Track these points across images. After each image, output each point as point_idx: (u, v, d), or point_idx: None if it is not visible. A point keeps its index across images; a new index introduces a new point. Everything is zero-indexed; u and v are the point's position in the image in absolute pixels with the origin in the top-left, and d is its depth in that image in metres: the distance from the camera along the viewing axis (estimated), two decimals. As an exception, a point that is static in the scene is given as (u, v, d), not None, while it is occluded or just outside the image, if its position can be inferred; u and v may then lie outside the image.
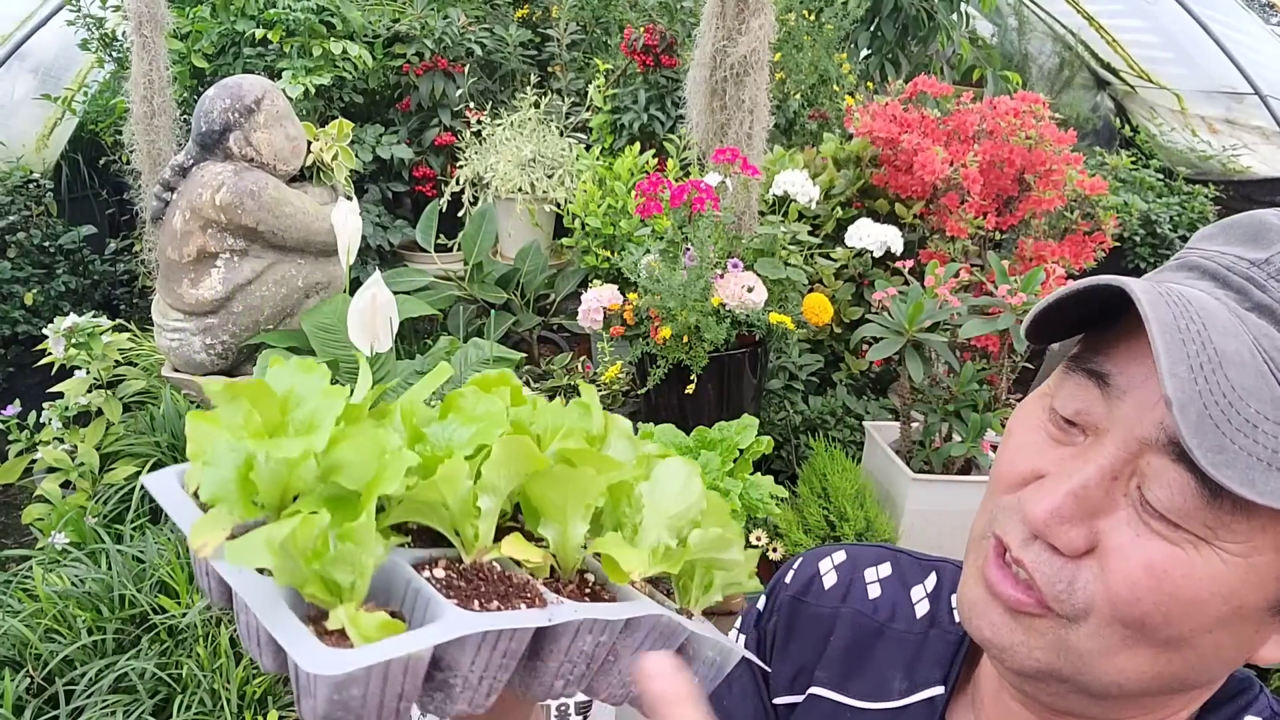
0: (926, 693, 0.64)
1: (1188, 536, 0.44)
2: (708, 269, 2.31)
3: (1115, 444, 0.46)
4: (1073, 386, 0.50)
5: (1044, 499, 0.47)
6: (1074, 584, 0.46)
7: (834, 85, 3.65)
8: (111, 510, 2.61)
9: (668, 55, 3.53)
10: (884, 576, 0.72)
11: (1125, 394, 0.46)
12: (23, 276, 3.75)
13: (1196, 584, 0.44)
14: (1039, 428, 0.51)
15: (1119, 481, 0.46)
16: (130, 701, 1.90)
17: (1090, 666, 0.47)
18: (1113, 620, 0.45)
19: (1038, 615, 0.48)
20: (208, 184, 2.24)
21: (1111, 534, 0.45)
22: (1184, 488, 0.43)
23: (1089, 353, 0.50)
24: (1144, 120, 4.99)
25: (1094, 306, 0.48)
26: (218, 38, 3.43)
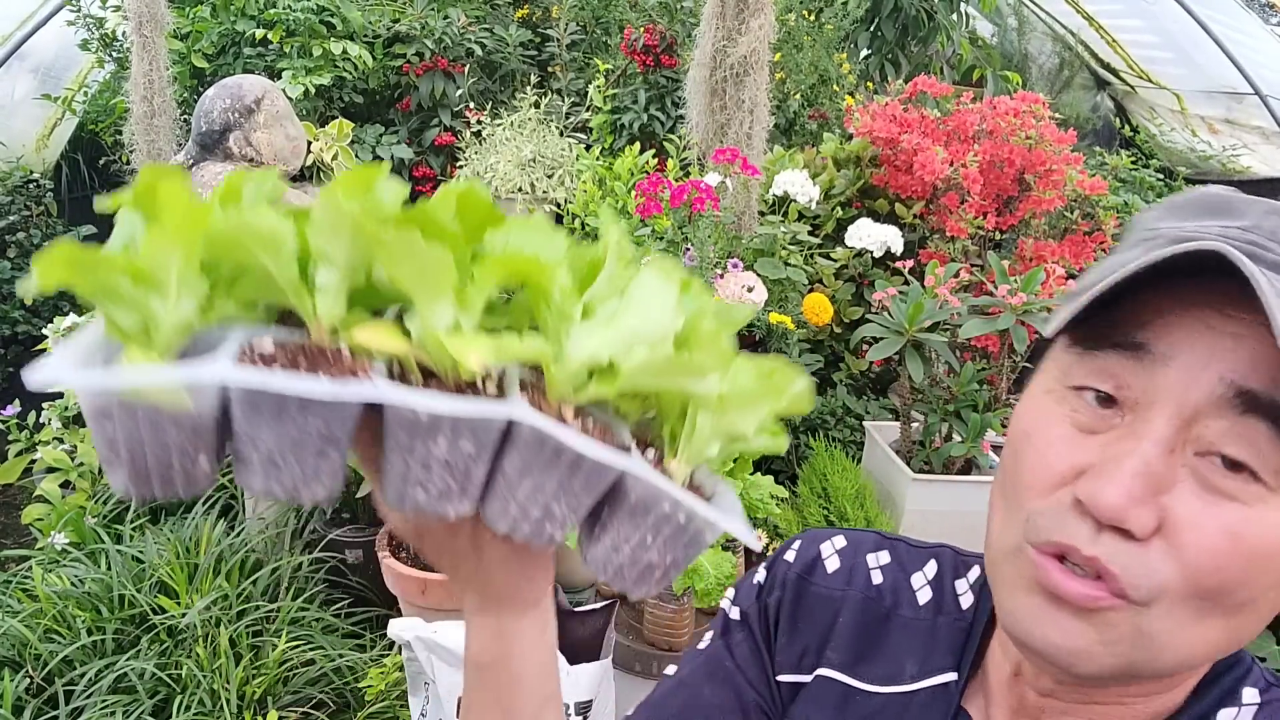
0: (940, 678, 0.63)
1: (1261, 490, 0.44)
2: (708, 269, 2.31)
3: (1167, 414, 0.45)
4: (1099, 363, 0.48)
5: (1111, 486, 0.45)
6: (1149, 565, 0.45)
7: (834, 85, 3.65)
8: (111, 510, 2.61)
9: (668, 55, 3.53)
10: (884, 563, 0.72)
11: (1170, 360, 0.46)
12: (23, 276, 3.75)
13: (1270, 540, 0.44)
14: (1062, 421, 0.50)
15: (1175, 454, 0.45)
16: (130, 702, 1.90)
17: (1164, 648, 0.47)
18: (1188, 595, 0.45)
19: (1110, 608, 0.46)
20: (208, 184, 2.23)
21: (1178, 507, 0.45)
22: (1261, 435, 0.43)
23: (1110, 329, 0.48)
24: (1144, 120, 4.99)
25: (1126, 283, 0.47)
26: (218, 38, 3.43)
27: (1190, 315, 0.46)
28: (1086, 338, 0.50)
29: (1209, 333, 0.45)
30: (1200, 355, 0.45)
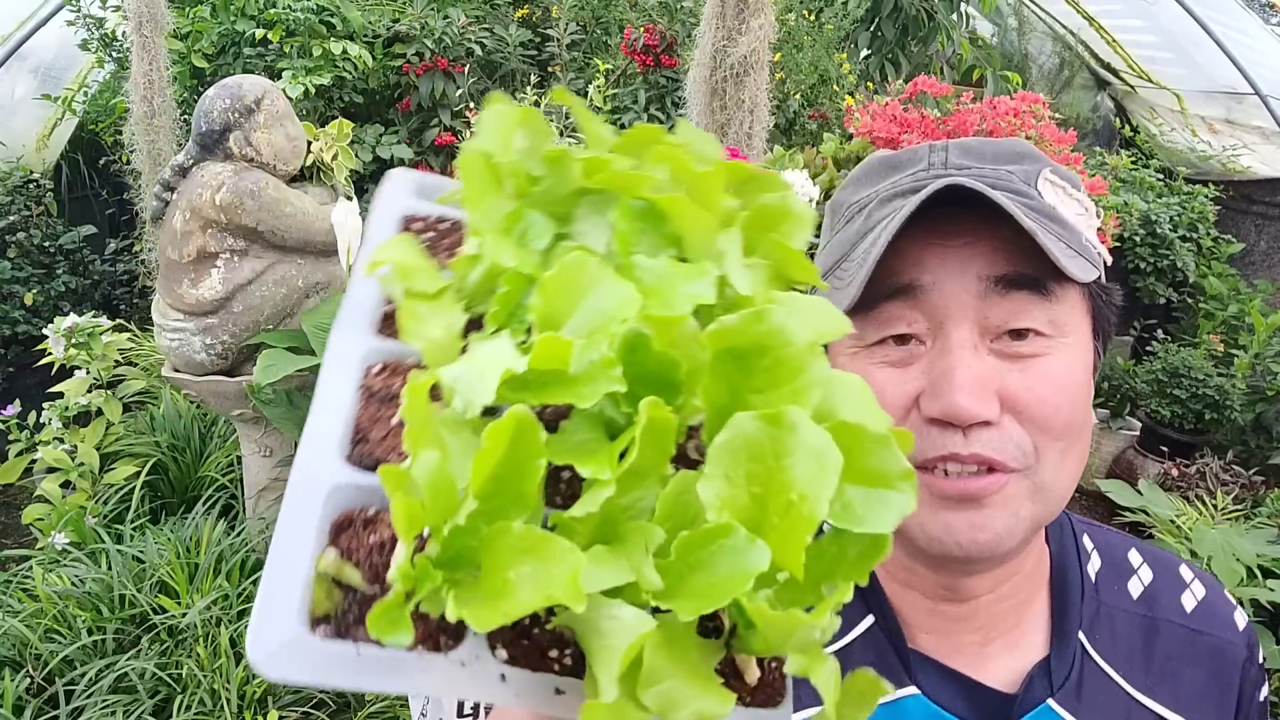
0: (860, 626, 0.66)
1: (1047, 342, 0.55)
2: (708, 269, 2.31)
3: (957, 322, 0.54)
4: (886, 316, 0.57)
5: (957, 396, 0.53)
6: (1013, 438, 0.54)
7: (834, 85, 3.66)
8: (111, 510, 2.61)
9: (668, 55, 3.53)
10: None
11: (935, 285, 0.55)
12: (23, 276, 3.75)
13: (1073, 371, 0.55)
14: (879, 367, 0.57)
15: (980, 350, 0.54)
16: (130, 701, 1.90)
17: (1053, 489, 0.56)
18: (1050, 440, 0.55)
19: (1005, 485, 0.54)
20: (208, 184, 2.24)
21: (1007, 383, 0.54)
22: (1028, 302, 0.54)
23: (878, 287, 0.56)
24: (1144, 120, 4.99)
25: None
26: (218, 38, 3.43)
27: (933, 246, 0.55)
28: (861, 305, 0.57)
29: (949, 251, 0.55)
30: (955, 269, 0.55)
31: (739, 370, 0.29)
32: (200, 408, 3.06)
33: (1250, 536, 2.44)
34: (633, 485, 0.27)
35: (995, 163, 0.59)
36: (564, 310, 0.29)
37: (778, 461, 0.26)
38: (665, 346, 0.28)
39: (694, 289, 0.29)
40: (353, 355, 0.33)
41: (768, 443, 0.26)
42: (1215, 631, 0.65)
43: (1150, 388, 3.66)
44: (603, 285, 0.29)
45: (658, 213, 0.31)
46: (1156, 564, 0.68)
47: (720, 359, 0.28)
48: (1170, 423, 3.59)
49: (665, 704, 0.25)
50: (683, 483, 0.27)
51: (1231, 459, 3.37)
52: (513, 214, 0.32)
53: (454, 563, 0.26)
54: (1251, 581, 2.31)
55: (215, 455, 2.93)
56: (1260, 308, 3.76)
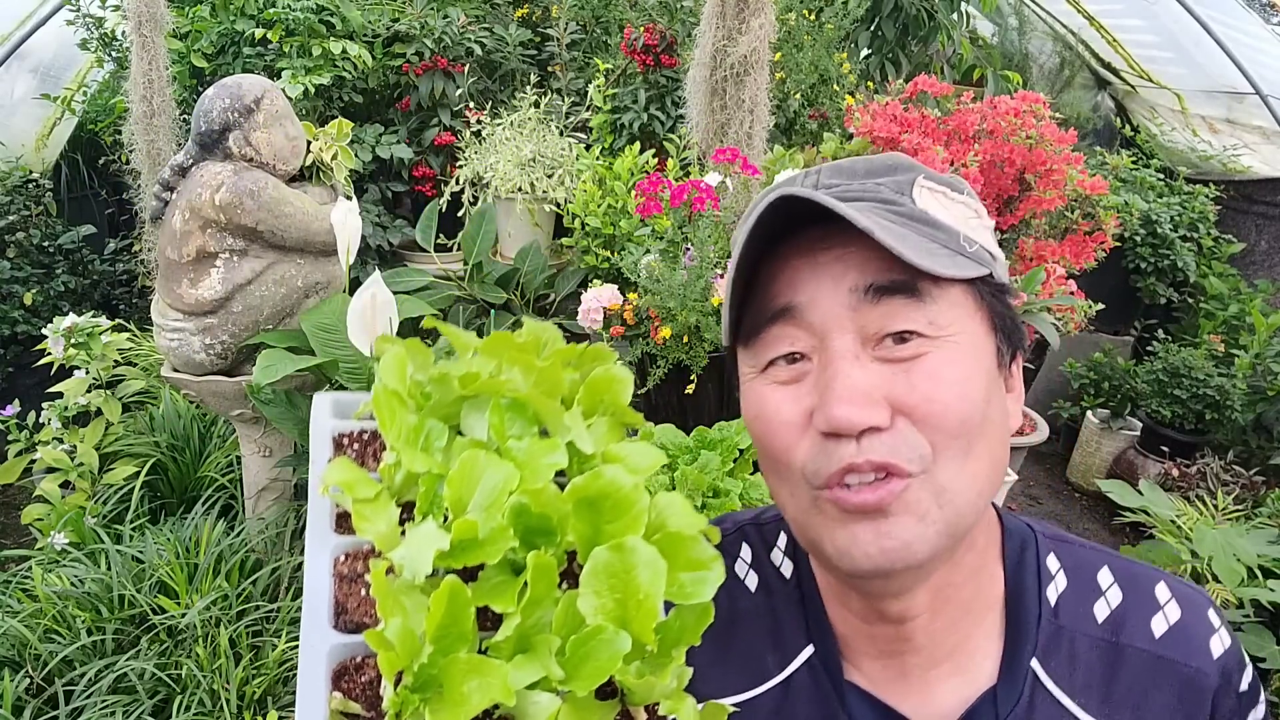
0: (801, 657, 0.67)
1: (928, 342, 0.55)
2: (708, 269, 2.31)
3: (836, 335, 0.56)
4: (770, 339, 0.58)
5: (839, 405, 0.53)
6: (906, 440, 0.54)
7: (834, 85, 3.65)
8: (111, 510, 2.61)
9: (668, 55, 3.53)
10: None
11: (810, 303, 0.56)
12: (22, 276, 3.75)
13: (958, 366, 0.55)
14: (772, 390, 0.59)
15: (862, 359, 0.55)
16: (130, 702, 1.90)
17: (958, 491, 0.55)
18: (946, 439, 0.54)
19: (904, 490, 0.54)
20: (207, 184, 2.23)
21: (893, 388, 0.54)
22: (900, 306, 0.55)
23: (758, 313, 0.59)
24: (1144, 120, 4.99)
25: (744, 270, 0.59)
26: (217, 37, 3.43)
27: (804, 261, 0.57)
28: (749, 333, 0.60)
29: (818, 267, 0.57)
30: (828, 285, 0.56)
31: (593, 512, 0.41)
32: (199, 408, 3.06)
33: (1251, 537, 2.44)
34: (534, 609, 0.39)
35: (866, 177, 0.60)
36: (467, 494, 0.41)
37: (628, 575, 0.39)
38: (540, 507, 0.41)
39: (551, 459, 0.42)
40: (325, 552, 0.45)
41: (618, 563, 0.39)
42: (1184, 659, 0.62)
43: (1151, 388, 3.66)
44: (491, 470, 0.42)
45: (519, 405, 0.45)
46: (1129, 583, 0.65)
47: (579, 507, 0.41)
48: (1171, 423, 3.59)
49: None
50: (569, 601, 0.39)
51: (1232, 459, 3.37)
52: (416, 426, 0.45)
53: (423, 688, 0.37)
54: (1252, 581, 2.30)
55: (215, 455, 2.92)
56: (1261, 307, 3.76)
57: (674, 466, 2.07)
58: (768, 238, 0.57)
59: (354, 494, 0.43)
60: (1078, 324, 2.68)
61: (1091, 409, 3.92)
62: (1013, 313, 0.61)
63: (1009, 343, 0.61)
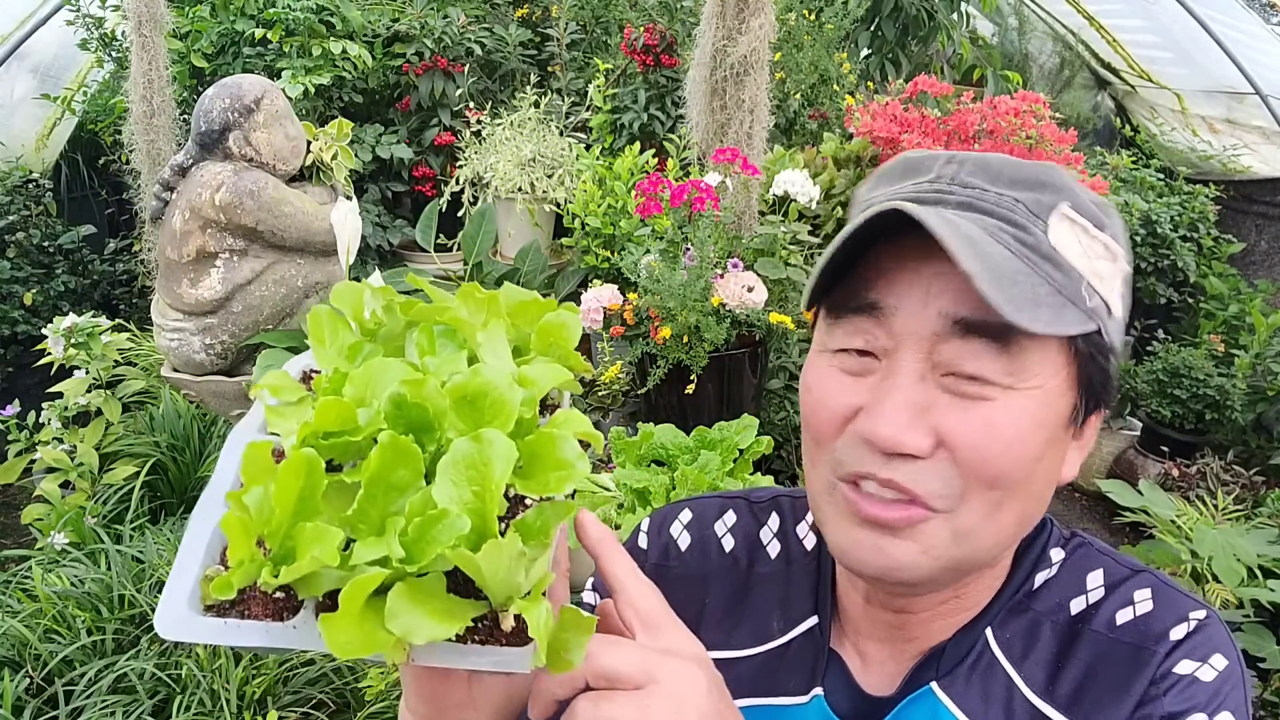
0: (804, 625, 0.68)
1: (998, 390, 0.53)
2: (708, 269, 2.31)
3: (909, 350, 0.54)
4: (848, 326, 0.57)
5: (883, 420, 0.53)
6: (942, 476, 0.53)
7: (834, 85, 3.65)
8: (111, 510, 2.61)
9: (668, 55, 3.53)
10: (731, 525, 0.76)
11: (898, 310, 0.55)
12: (22, 276, 3.74)
13: (1019, 423, 0.53)
14: (833, 373, 0.58)
15: (927, 381, 0.54)
16: (130, 702, 1.90)
17: (980, 538, 0.55)
18: (980, 488, 0.53)
19: (923, 521, 0.54)
20: (207, 184, 2.23)
21: (944, 421, 0.53)
22: (982, 350, 0.53)
23: (848, 296, 0.57)
24: (1144, 120, 4.99)
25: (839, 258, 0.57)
26: (217, 37, 3.43)
27: (904, 268, 0.55)
28: (832, 309, 0.59)
29: (919, 278, 0.54)
30: (918, 299, 0.54)
31: (473, 409, 0.42)
32: (199, 408, 3.06)
33: (1251, 536, 2.44)
34: (394, 495, 0.39)
35: (1010, 188, 0.56)
36: (370, 393, 0.43)
37: (485, 467, 0.39)
38: (417, 399, 0.41)
39: (451, 369, 0.44)
40: (241, 444, 0.46)
41: (476, 455, 0.40)
42: (1135, 640, 0.61)
43: (1151, 388, 3.66)
44: (396, 372, 0.43)
45: (450, 331, 0.47)
46: (1113, 585, 0.64)
47: (458, 404, 0.42)
48: (1171, 423, 3.59)
49: (405, 629, 0.37)
50: (426, 491, 0.39)
51: (1232, 459, 3.37)
52: (354, 345, 0.46)
53: (280, 559, 0.38)
54: (1252, 581, 2.30)
55: (215, 455, 2.92)
56: (1261, 307, 3.76)
57: (674, 466, 2.07)
58: (881, 223, 0.55)
59: (278, 396, 0.45)
60: (1078, 324, 2.68)
61: (1091, 409, 3.92)
62: (1107, 374, 0.58)
63: (1092, 401, 0.58)
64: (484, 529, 0.39)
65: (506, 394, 0.42)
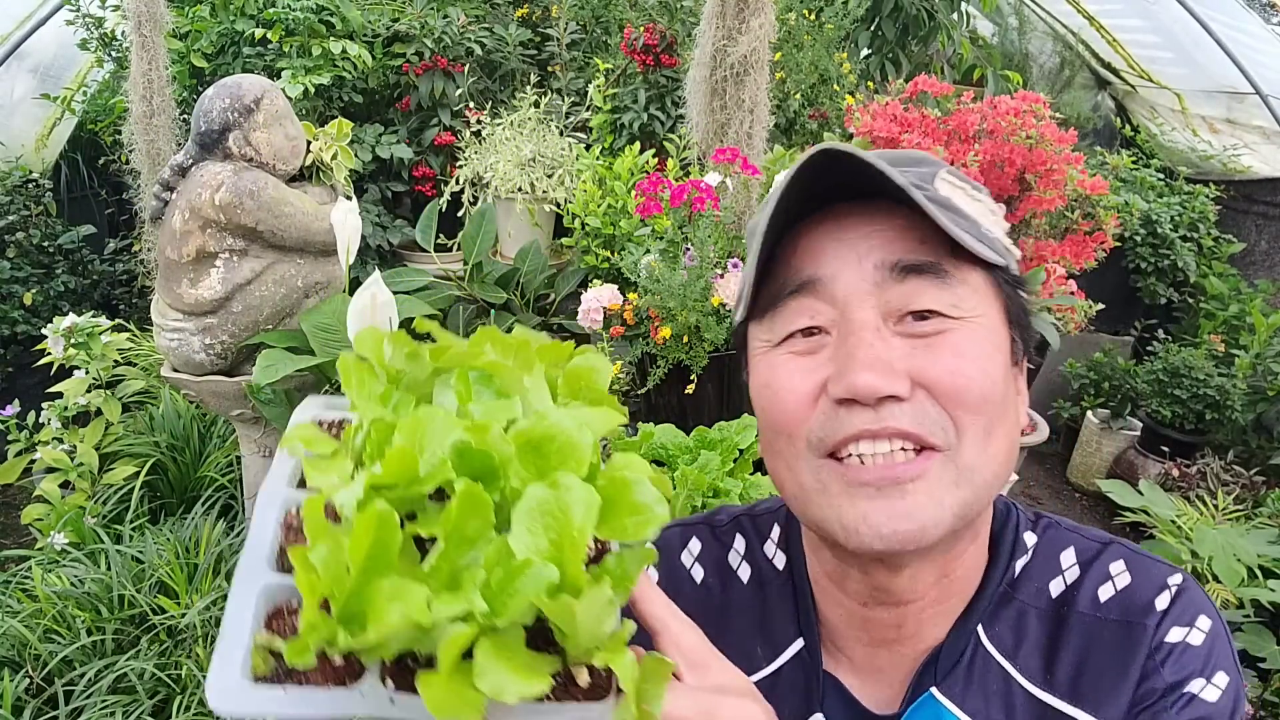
0: (791, 650, 0.67)
1: (951, 321, 0.55)
2: (708, 269, 2.31)
3: (858, 308, 0.55)
4: (789, 311, 0.58)
5: (861, 372, 0.53)
6: (929, 413, 0.54)
7: (834, 85, 3.65)
8: (111, 510, 2.61)
9: (668, 55, 3.53)
10: (698, 553, 0.74)
11: (835, 277, 0.56)
12: (22, 276, 3.74)
13: (981, 345, 0.55)
14: (787, 360, 0.58)
15: (882, 332, 0.55)
16: (129, 702, 1.90)
17: (980, 472, 0.55)
18: (968, 416, 0.54)
19: (929, 466, 0.54)
20: (207, 184, 2.23)
21: (913, 362, 0.54)
22: (926, 286, 0.55)
23: (779, 285, 0.58)
24: (1145, 120, 4.99)
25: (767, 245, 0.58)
26: (217, 37, 3.43)
27: (828, 237, 0.57)
28: (766, 306, 0.59)
29: (844, 242, 0.56)
30: (851, 260, 0.56)
31: (538, 455, 0.40)
32: (199, 408, 3.05)
33: (1251, 536, 2.44)
34: (466, 546, 0.37)
35: (891, 165, 0.58)
36: (420, 444, 0.40)
37: (564, 514, 0.38)
38: (482, 446, 0.39)
39: (506, 416, 0.42)
40: (277, 500, 0.44)
41: (553, 502, 0.38)
42: (1122, 616, 0.62)
43: (1151, 388, 3.66)
44: (447, 423, 0.41)
45: (486, 376, 0.44)
46: (1087, 562, 0.65)
47: (523, 450, 0.40)
48: (1171, 423, 3.59)
49: (495, 688, 0.35)
50: (502, 541, 0.37)
51: (1232, 459, 3.37)
52: (385, 392, 0.45)
53: (348, 620, 0.36)
54: (1252, 582, 2.30)
55: (214, 455, 2.92)
56: (1261, 307, 3.76)
57: (674, 466, 2.07)
58: (793, 210, 0.57)
59: (312, 448, 0.43)
60: (1078, 324, 2.68)
61: (1092, 409, 3.92)
62: (1026, 309, 0.62)
63: (1022, 337, 0.61)
64: (567, 578, 0.37)
65: (577, 437, 0.40)
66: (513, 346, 0.47)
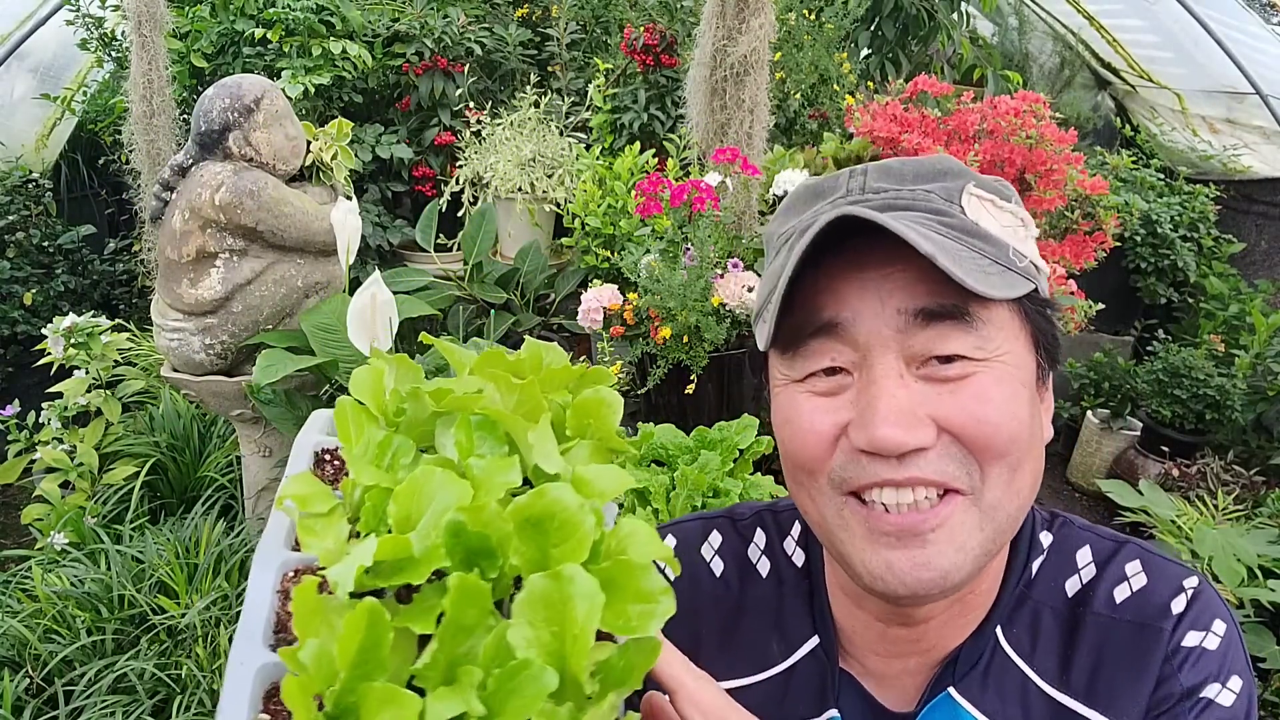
0: (806, 647, 0.67)
1: (976, 364, 0.54)
2: (708, 269, 2.31)
3: (880, 354, 0.55)
4: (811, 352, 0.57)
5: (884, 426, 0.52)
6: (955, 459, 0.54)
7: (834, 85, 3.65)
8: (111, 510, 2.61)
9: (668, 55, 3.53)
10: (719, 546, 0.74)
11: (856, 320, 0.55)
12: (22, 276, 3.74)
13: (1006, 388, 0.55)
14: (808, 399, 0.58)
15: (906, 378, 0.54)
16: (129, 702, 1.90)
17: (1004, 507, 0.55)
18: (994, 460, 0.54)
19: (953, 511, 0.54)
20: (207, 184, 2.23)
21: (938, 409, 0.54)
22: (949, 331, 0.54)
23: (801, 324, 0.57)
24: (1145, 120, 4.99)
25: None
26: (217, 37, 3.43)
27: (849, 279, 0.56)
28: (788, 343, 0.58)
29: (867, 285, 0.55)
30: (873, 304, 0.55)
31: (538, 533, 0.38)
32: (199, 408, 3.05)
33: (1251, 537, 2.44)
34: (463, 636, 0.36)
35: (915, 182, 0.58)
36: (416, 511, 0.38)
37: (565, 606, 0.36)
38: (478, 526, 0.37)
39: (505, 478, 0.40)
40: (272, 566, 0.42)
41: (555, 593, 0.36)
42: (1138, 618, 0.62)
43: (1151, 388, 3.66)
44: (444, 487, 0.39)
45: (490, 423, 0.43)
46: (1103, 562, 0.65)
47: (522, 528, 0.38)
48: (1171, 423, 3.59)
49: None
50: (501, 632, 0.36)
51: (1232, 459, 3.37)
52: (383, 441, 0.43)
53: (342, 715, 0.35)
54: (1252, 582, 2.30)
55: (214, 455, 2.92)
56: (1261, 307, 3.76)
57: (674, 466, 2.07)
58: (812, 255, 0.56)
59: (307, 508, 0.41)
60: (1078, 324, 2.68)
61: (1091, 409, 3.92)
62: (1054, 328, 0.61)
63: (1049, 358, 0.60)
64: (567, 678, 0.35)
65: (577, 517, 0.38)
66: (524, 370, 0.44)
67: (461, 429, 0.42)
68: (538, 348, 0.47)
